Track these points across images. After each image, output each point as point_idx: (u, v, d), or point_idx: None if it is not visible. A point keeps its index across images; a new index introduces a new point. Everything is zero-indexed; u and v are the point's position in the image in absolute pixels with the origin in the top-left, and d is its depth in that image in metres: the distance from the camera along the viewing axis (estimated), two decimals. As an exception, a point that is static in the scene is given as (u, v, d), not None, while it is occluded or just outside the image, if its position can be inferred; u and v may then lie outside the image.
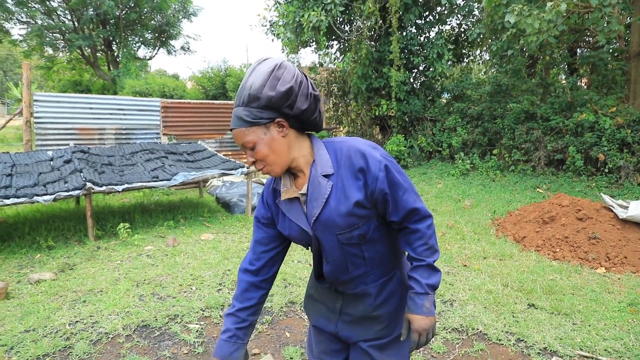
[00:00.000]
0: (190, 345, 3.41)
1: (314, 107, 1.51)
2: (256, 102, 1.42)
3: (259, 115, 1.43)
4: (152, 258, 5.34)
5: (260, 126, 1.45)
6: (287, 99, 1.43)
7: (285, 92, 1.41)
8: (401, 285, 1.68)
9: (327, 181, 1.50)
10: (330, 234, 1.54)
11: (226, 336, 1.66)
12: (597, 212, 5.75)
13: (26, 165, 6.41)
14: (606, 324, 3.69)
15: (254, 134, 1.45)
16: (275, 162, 1.49)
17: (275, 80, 1.41)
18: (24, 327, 3.61)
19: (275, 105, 1.43)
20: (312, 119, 1.53)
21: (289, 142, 1.50)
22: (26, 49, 23.07)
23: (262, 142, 1.46)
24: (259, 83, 1.41)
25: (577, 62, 11.85)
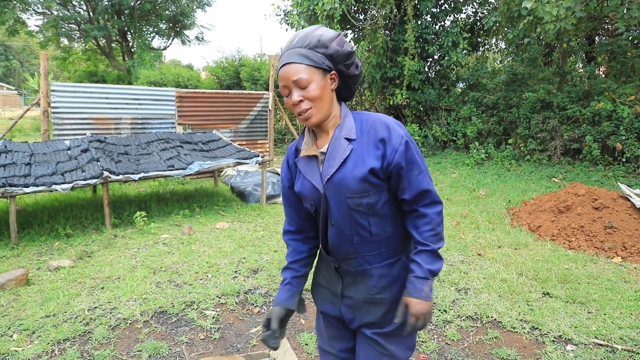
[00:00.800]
0: (207, 331, 3.47)
1: (358, 78, 1.66)
2: (323, 49, 1.53)
3: (323, 60, 1.53)
4: (168, 246, 5.42)
5: (320, 70, 1.53)
6: (349, 59, 1.57)
7: (350, 53, 1.57)
8: (405, 272, 1.66)
9: (348, 144, 1.55)
10: (340, 196, 1.57)
11: (283, 284, 1.78)
12: (613, 202, 5.69)
13: (44, 155, 6.51)
14: (622, 313, 3.67)
15: (313, 75, 1.51)
16: (321, 108, 1.55)
17: (342, 41, 1.56)
18: (45, 313, 3.70)
19: (338, 60, 1.56)
20: (353, 88, 1.67)
21: (332, 97, 1.60)
22: (42, 40, 23.30)
23: (316, 84, 1.52)
24: (330, 36, 1.53)
25: (595, 50, 11.64)
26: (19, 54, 52.99)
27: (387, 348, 1.67)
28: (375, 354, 1.68)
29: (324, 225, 1.67)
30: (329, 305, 1.78)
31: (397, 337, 1.68)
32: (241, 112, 10.16)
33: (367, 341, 1.70)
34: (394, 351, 1.67)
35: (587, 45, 11.91)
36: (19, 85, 47.62)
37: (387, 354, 1.67)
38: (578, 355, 3.09)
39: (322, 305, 1.82)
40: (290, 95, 1.54)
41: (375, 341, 1.68)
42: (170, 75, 17.47)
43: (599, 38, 12.50)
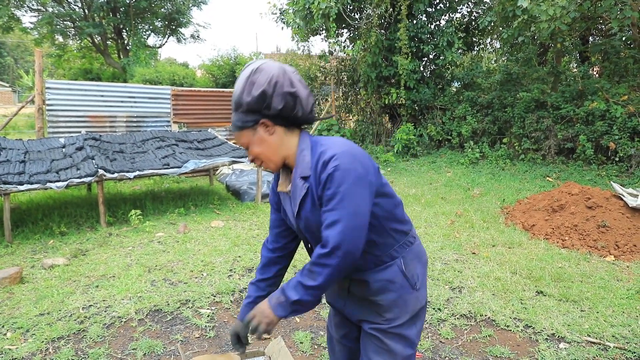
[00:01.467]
0: (202, 330, 3.48)
1: (292, 105, 1.56)
2: (240, 107, 1.56)
3: (245, 119, 1.56)
4: (163, 244, 5.41)
5: (248, 129, 1.57)
6: (263, 101, 1.52)
7: (259, 96, 1.51)
8: (402, 275, 1.69)
9: (303, 183, 1.56)
10: (310, 229, 1.63)
11: (247, 302, 1.87)
12: (607, 201, 5.74)
13: (39, 152, 6.48)
14: (614, 311, 3.70)
15: (245, 137, 1.59)
16: (268, 159, 1.61)
17: (251, 86, 1.52)
18: (39, 311, 3.69)
19: (254, 109, 1.54)
20: (294, 116, 1.58)
21: (279, 140, 1.60)
22: (37, 37, 23.16)
23: (253, 143, 1.59)
24: (239, 90, 1.54)
25: (588, 50, 11.71)
26: (13, 51, 52.65)
27: (386, 343, 1.70)
28: (375, 348, 1.72)
29: (309, 249, 1.76)
30: (335, 297, 1.86)
31: (397, 337, 1.71)
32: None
33: (367, 336, 1.75)
34: (392, 346, 1.69)
35: (581, 45, 11.97)
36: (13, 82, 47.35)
37: (386, 349, 1.69)
38: (571, 353, 3.12)
39: (329, 296, 1.90)
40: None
41: (374, 336, 1.72)
42: (165, 74, 17.43)
43: (593, 38, 12.56)
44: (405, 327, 1.70)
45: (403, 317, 1.69)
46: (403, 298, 1.69)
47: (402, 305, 1.69)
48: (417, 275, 1.73)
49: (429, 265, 4.74)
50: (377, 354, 1.71)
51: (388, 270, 1.68)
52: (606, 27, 11.30)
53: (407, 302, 1.70)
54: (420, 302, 1.74)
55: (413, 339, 1.73)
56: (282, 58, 17.37)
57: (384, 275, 1.68)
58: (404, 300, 1.69)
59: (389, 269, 1.68)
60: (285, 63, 12.80)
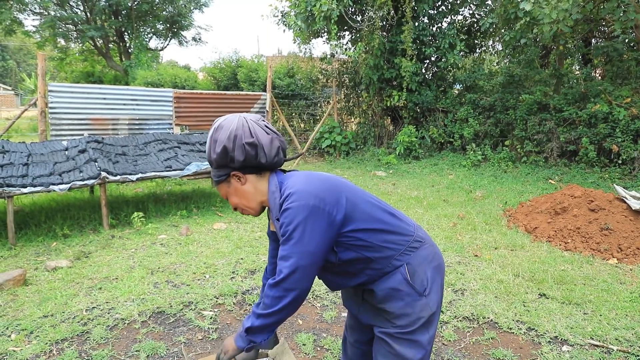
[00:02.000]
0: (205, 332, 3.48)
1: (254, 154, 1.64)
2: (212, 164, 1.70)
3: (218, 173, 1.70)
4: (165, 247, 5.42)
5: (223, 182, 1.71)
6: (226, 156, 1.64)
7: (221, 152, 1.63)
8: (406, 282, 1.68)
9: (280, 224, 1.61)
10: None
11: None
12: (609, 203, 5.73)
13: (42, 155, 6.50)
14: (617, 314, 3.70)
15: (223, 189, 1.73)
16: (247, 206, 1.74)
17: (214, 143, 1.64)
18: (43, 313, 3.70)
19: (221, 164, 1.66)
20: (258, 162, 1.66)
21: (252, 188, 1.71)
22: (39, 40, 23.22)
23: (230, 194, 1.73)
24: (207, 148, 1.69)
25: (591, 53, 11.71)
26: (16, 54, 52.83)
27: (394, 347, 1.70)
28: (385, 352, 1.73)
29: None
30: (350, 303, 1.91)
31: (406, 342, 1.70)
32: (238, 113, 10.16)
33: (378, 340, 1.77)
34: (401, 351, 1.69)
35: (583, 47, 11.97)
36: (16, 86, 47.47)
37: (395, 353, 1.70)
38: (574, 356, 3.11)
39: (345, 301, 1.96)
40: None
41: (384, 341, 1.74)
42: (167, 76, 17.45)
43: (596, 40, 12.57)
44: (417, 333, 1.70)
45: (414, 324, 1.69)
46: (411, 305, 1.68)
47: (411, 313, 1.68)
48: (425, 281, 1.71)
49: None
50: (385, 357, 1.72)
51: (392, 279, 1.69)
52: (609, 30, 11.30)
53: (415, 309, 1.68)
54: (431, 308, 1.71)
55: (425, 344, 1.72)
56: (283, 60, 17.38)
57: (388, 284, 1.69)
58: (411, 307, 1.68)
59: (393, 277, 1.69)
60: (287, 65, 12.79)
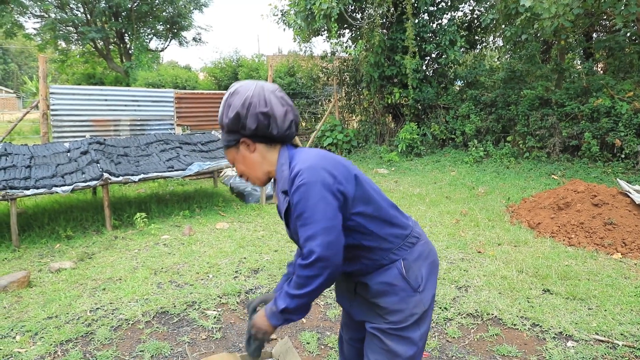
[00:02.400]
0: (209, 331, 3.48)
1: (266, 124, 1.63)
2: (222, 129, 1.70)
3: (228, 138, 1.69)
4: (168, 247, 5.43)
5: (232, 147, 1.70)
6: (238, 122, 1.62)
7: (234, 118, 1.62)
8: (402, 277, 1.68)
9: (284, 197, 1.63)
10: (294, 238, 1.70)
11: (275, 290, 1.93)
12: (613, 198, 5.71)
13: (44, 157, 6.51)
14: (622, 309, 3.68)
15: (231, 154, 1.72)
16: (252, 175, 1.73)
17: (227, 108, 1.63)
18: (47, 314, 3.70)
19: (232, 129, 1.65)
20: (269, 133, 1.65)
21: (260, 157, 1.69)
22: (40, 43, 23.27)
23: (237, 160, 1.72)
24: (220, 112, 1.67)
25: (592, 47, 11.66)
26: (17, 57, 52.95)
27: (386, 343, 1.70)
28: (376, 348, 1.72)
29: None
30: (341, 298, 1.90)
31: (398, 338, 1.70)
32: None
33: (369, 336, 1.76)
34: (393, 347, 1.69)
35: (584, 41, 11.93)
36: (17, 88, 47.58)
37: (387, 349, 1.69)
38: (579, 352, 3.10)
39: (338, 296, 1.94)
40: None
41: (375, 336, 1.72)
42: (168, 77, 17.46)
43: (597, 34, 12.52)
44: (409, 329, 1.69)
45: (407, 321, 1.68)
46: (405, 301, 1.68)
47: (404, 309, 1.68)
48: (420, 277, 1.71)
49: (435, 264, 4.73)
50: (376, 353, 1.71)
51: (387, 273, 1.68)
52: (610, 23, 11.25)
53: (409, 305, 1.68)
54: (424, 305, 1.70)
55: (417, 341, 1.71)
56: (284, 59, 17.37)
57: (383, 278, 1.68)
58: (405, 303, 1.68)
59: (388, 271, 1.68)
60: (288, 64, 12.77)
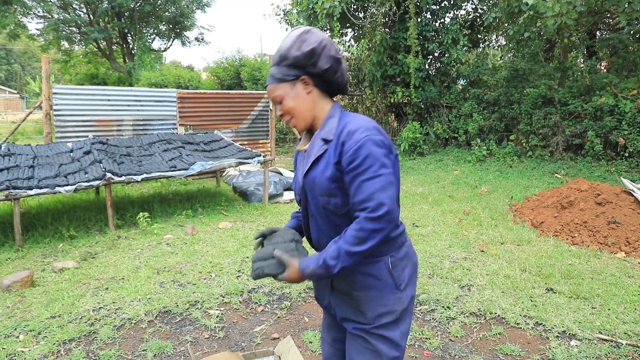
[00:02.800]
0: (211, 330, 3.48)
1: (336, 68, 1.65)
2: (285, 61, 1.63)
3: (287, 72, 1.63)
4: (171, 246, 5.43)
5: (288, 82, 1.64)
6: (310, 58, 1.60)
7: (309, 52, 1.59)
8: (388, 273, 1.66)
9: (323, 144, 1.62)
10: (315, 192, 1.65)
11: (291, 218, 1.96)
12: (616, 197, 5.69)
13: (47, 157, 6.53)
14: (626, 308, 3.67)
15: (282, 90, 1.65)
16: (299, 115, 1.67)
17: (301, 43, 1.60)
18: (50, 314, 3.71)
19: (300, 64, 1.61)
20: (335, 79, 1.68)
21: (313, 100, 1.67)
22: (43, 44, 23.34)
23: (288, 97, 1.65)
24: (288, 45, 1.61)
25: (596, 45, 11.62)
26: (20, 58, 53.12)
27: (371, 343, 1.68)
28: (360, 349, 1.70)
29: (306, 217, 1.76)
30: (320, 295, 1.86)
31: (380, 335, 1.68)
32: (242, 112, 10.17)
33: (352, 337, 1.73)
34: (378, 346, 1.67)
35: (588, 40, 11.89)
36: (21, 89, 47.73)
37: (372, 348, 1.68)
38: (582, 351, 3.09)
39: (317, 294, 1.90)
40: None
41: (359, 337, 1.70)
42: (170, 77, 17.50)
43: (600, 33, 12.47)
44: (389, 327, 1.67)
45: (385, 318, 1.66)
46: (386, 297, 1.66)
47: (385, 304, 1.66)
48: (404, 277, 1.70)
49: (437, 263, 4.73)
50: (361, 354, 1.69)
51: (375, 266, 1.66)
52: (614, 21, 11.20)
53: (389, 302, 1.67)
54: (403, 303, 1.69)
55: (397, 340, 1.69)
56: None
57: (370, 270, 1.66)
58: (386, 299, 1.66)
59: (377, 265, 1.66)
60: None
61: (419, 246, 5.28)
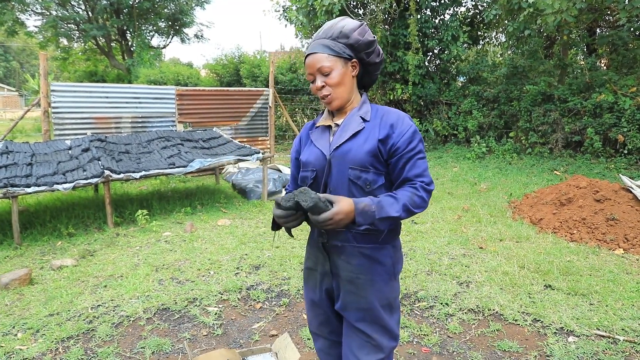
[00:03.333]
0: (210, 327, 3.48)
1: (379, 66, 1.81)
2: (345, 39, 1.69)
3: (344, 49, 1.70)
4: (170, 244, 5.43)
5: (341, 59, 1.70)
6: (369, 47, 1.72)
7: (370, 42, 1.72)
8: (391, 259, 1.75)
9: (362, 122, 1.71)
10: (344, 166, 1.68)
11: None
12: (615, 194, 5.68)
13: (45, 155, 6.52)
14: (624, 304, 3.67)
15: (333, 63, 1.68)
16: (340, 93, 1.72)
17: (364, 31, 1.71)
18: (49, 311, 3.71)
19: (359, 49, 1.71)
20: (373, 75, 1.82)
21: (353, 84, 1.76)
22: (42, 41, 23.29)
23: (337, 72, 1.69)
24: (351, 27, 1.69)
25: (596, 42, 11.60)
26: (19, 55, 53.01)
27: (372, 336, 1.72)
28: (360, 341, 1.73)
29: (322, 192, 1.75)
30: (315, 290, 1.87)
31: (381, 326, 1.74)
32: (242, 109, 10.16)
33: (352, 330, 1.76)
34: (378, 339, 1.72)
35: (588, 37, 11.86)
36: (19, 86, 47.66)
37: (373, 342, 1.72)
38: (580, 347, 3.09)
39: (311, 291, 1.90)
40: (314, 81, 1.72)
41: (359, 329, 1.74)
42: (170, 74, 17.47)
43: (600, 30, 12.44)
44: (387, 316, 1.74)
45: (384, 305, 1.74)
46: (386, 283, 1.74)
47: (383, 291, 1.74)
48: (399, 267, 1.82)
49: (436, 260, 4.73)
50: (363, 348, 1.72)
51: (382, 252, 1.74)
52: (614, 18, 11.18)
53: (387, 289, 1.75)
54: (395, 292, 1.79)
55: (395, 330, 1.77)
56: (286, 56, 17.34)
57: (377, 255, 1.73)
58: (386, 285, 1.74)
59: (383, 250, 1.74)
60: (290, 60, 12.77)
61: (417, 243, 5.29)
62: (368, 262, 1.72)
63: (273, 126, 10.63)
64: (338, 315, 1.88)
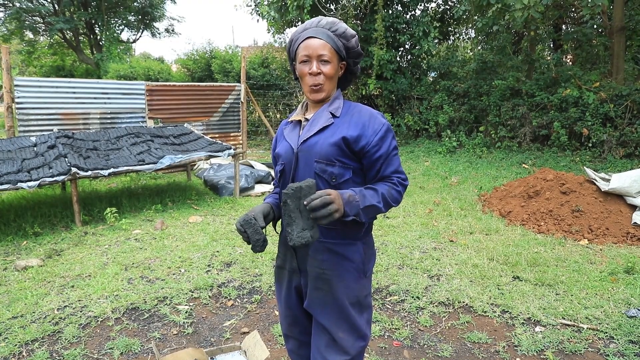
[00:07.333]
0: (180, 326, 3.44)
1: (355, 77, 1.92)
2: (345, 40, 1.77)
3: (341, 49, 1.76)
4: (140, 242, 5.34)
5: (338, 55, 1.77)
6: (358, 57, 1.84)
7: (361, 53, 1.84)
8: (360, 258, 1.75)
9: (330, 117, 1.73)
10: (310, 159, 1.70)
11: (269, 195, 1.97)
12: (580, 186, 5.83)
13: (9, 152, 6.32)
14: (587, 293, 3.78)
15: (333, 56, 1.74)
16: (329, 86, 1.76)
17: (358, 42, 1.83)
18: (12, 314, 3.60)
19: (351, 54, 1.81)
20: (350, 80, 1.91)
21: (336, 81, 1.81)
22: (5, 33, 22.51)
23: (333, 65, 1.74)
24: (352, 32, 1.79)
25: (561, 38, 11.87)
26: (-18, 49, 51.19)
27: (337, 336, 1.72)
28: (327, 340, 1.73)
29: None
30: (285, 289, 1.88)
31: (349, 325, 1.74)
32: (213, 104, 10.04)
33: (319, 328, 1.76)
34: (345, 338, 1.72)
35: (554, 33, 12.13)
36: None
37: (339, 343, 1.72)
38: (546, 336, 3.17)
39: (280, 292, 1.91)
40: (309, 65, 1.72)
41: (325, 328, 1.73)
42: (140, 69, 17.12)
43: (566, 26, 12.74)
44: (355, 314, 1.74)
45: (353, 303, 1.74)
46: (355, 281, 1.75)
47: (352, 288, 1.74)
48: (370, 265, 1.82)
49: (407, 254, 4.78)
50: (329, 348, 1.72)
51: (351, 248, 1.74)
52: (578, 15, 11.46)
53: (356, 287, 1.75)
54: (366, 290, 1.79)
55: (363, 329, 1.77)
56: (258, 50, 17.21)
57: (345, 251, 1.73)
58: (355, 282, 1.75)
59: (353, 247, 1.74)
60: (262, 55, 12.64)
61: (389, 237, 5.32)
62: (335, 258, 1.72)
63: (245, 122, 10.55)
64: (308, 315, 1.87)
